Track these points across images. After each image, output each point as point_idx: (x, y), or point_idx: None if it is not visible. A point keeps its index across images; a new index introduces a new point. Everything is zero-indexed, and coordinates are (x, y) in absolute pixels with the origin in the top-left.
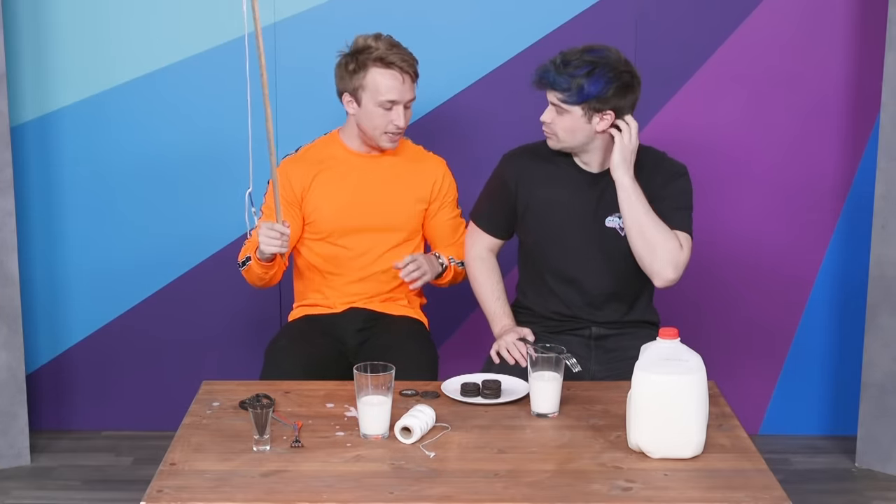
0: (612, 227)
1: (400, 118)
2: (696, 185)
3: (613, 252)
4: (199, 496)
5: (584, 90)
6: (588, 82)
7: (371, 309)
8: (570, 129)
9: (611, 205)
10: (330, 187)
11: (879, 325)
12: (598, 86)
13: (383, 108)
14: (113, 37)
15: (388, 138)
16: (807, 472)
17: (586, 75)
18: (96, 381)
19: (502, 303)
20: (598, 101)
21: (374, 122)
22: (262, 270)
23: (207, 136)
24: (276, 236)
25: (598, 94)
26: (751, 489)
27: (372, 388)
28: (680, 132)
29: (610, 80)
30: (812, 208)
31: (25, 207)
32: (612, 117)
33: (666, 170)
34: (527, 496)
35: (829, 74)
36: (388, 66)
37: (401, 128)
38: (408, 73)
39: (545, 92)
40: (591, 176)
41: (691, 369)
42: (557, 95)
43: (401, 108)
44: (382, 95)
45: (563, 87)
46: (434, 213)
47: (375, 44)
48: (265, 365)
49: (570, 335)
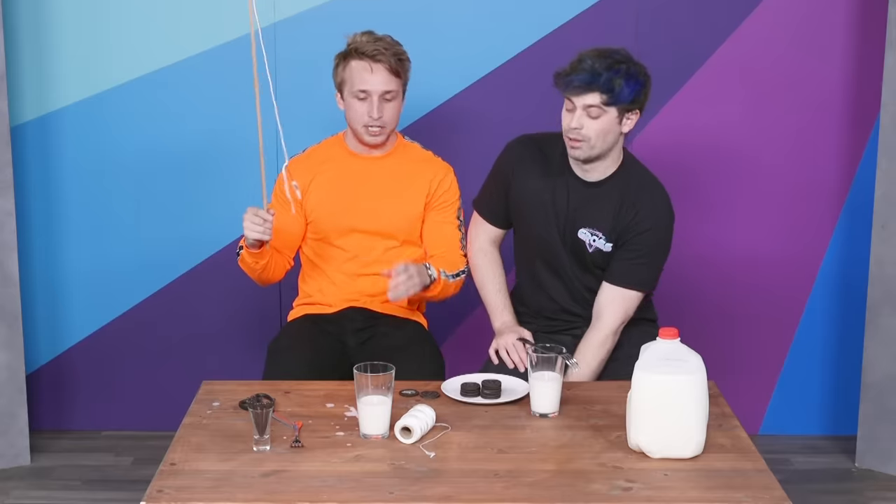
0: (582, 240)
1: (374, 109)
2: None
3: (582, 262)
4: (199, 496)
5: (624, 92)
6: (626, 83)
7: (371, 309)
8: (604, 132)
9: (588, 217)
10: (328, 188)
11: (879, 325)
12: (635, 86)
13: (358, 98)
14: (113, 37)
15: (367, 132)
16: (807, 472)
17: (624, 75)
18: (96, 381)
19: (503, 296)
20: (634, 101)
21: (352, 115)
22: (251, 259)
23: (207, 136)
24: (259, 222)
25: (636, 95)
26: (751, 489)
27: (372, 388)
28: (679, 132)
29: (642, 79)
30: (812, 208)
31: (25, 207)
32: (637, 116)
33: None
34: (527, 496)
35: (829, 74)
36: (360, 56)
37: (376, 119)
38: (381, 63)
39: (573, 97)
40: (582, 183)
41: (691, 369)
42: (599, 97)
43: (375, 99)
44: (356, 86)
45: (606, 88)
46: (429, 214)
47: (360, 38)
48: (267, 365)
49: (566, 335)
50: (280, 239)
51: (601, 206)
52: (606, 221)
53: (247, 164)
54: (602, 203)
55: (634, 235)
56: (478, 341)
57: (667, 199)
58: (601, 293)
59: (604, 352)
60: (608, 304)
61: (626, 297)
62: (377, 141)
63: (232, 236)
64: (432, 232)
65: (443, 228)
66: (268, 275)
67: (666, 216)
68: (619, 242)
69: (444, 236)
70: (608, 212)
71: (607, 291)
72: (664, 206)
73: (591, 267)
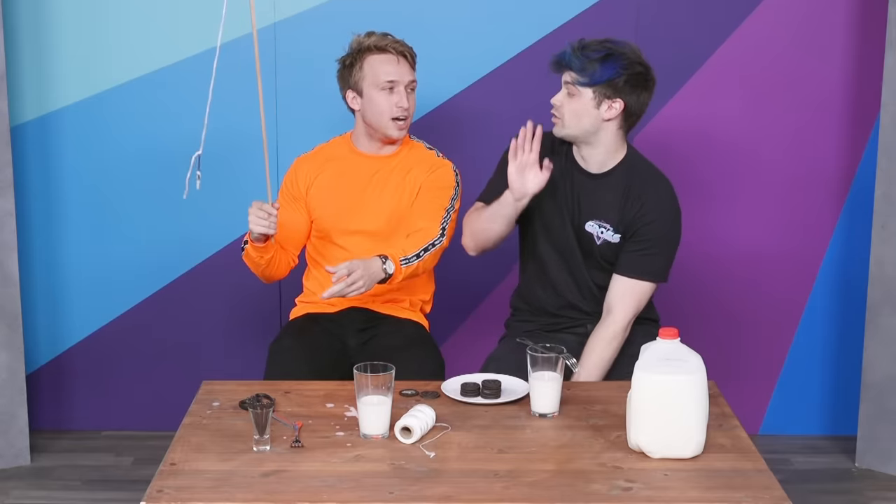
0: (590, 233)
1: (403, 99)
2: (696, 184)
3: (589, 256)
4: (199, 496)
5: (597, 73)
6: (602, 66)
7: (372, 309)
8: (577, 113)
9: (595, 210)
10: (331, 186)
11: (879, 325)
12: (611, 71)
13: (385, 91)
14: (113, 37)
15: (395, 125)
16: (807, 472)
17: (601, 59)
18: (96, 381)
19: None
20: (609, 86)
21: (380, 108)
22: (255, 254)
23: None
24: (264, 216)
25: (610, 78)
26: (751, 489)
27: (372, 388)
28: (679, 132)
29: (623, 68)
30: (812, 208)
31: (25, 207)
32: (620, 106)
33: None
34: (527, 496)
35: (829, 74)
36: (381, 50)
37: (406, 109)
38: (403, 56)
39: (559, 75)
40: (586, 174)
41: (691, 369)
42: (571, 75)
43: (402, 89)
44: (382, 77)
45: (578, 68)
46: (419, 195)
47: (368, 38)
48: (268, 364)
49: (567, 333)
50: (284, 235)
51: (606, 197)
52: (613, 213)
53: (247, 163)
54: (607, 195)
55: (641, 226)
56: (478, 341)
57: (671, 192)
58: (612, 287)
59: (613, 347)
60: (620, 297)
61: (637, 289)
62: (402, 134)
63: (232, 236)
64: (417, 208)
65: (429, 205)
66: (272, 270)
67: (671, 208)
68: (627, 234)
69: (430, 212)
70: (614, 203)
71: (618, 284)
72: (669, 198)
73: (600, 260)
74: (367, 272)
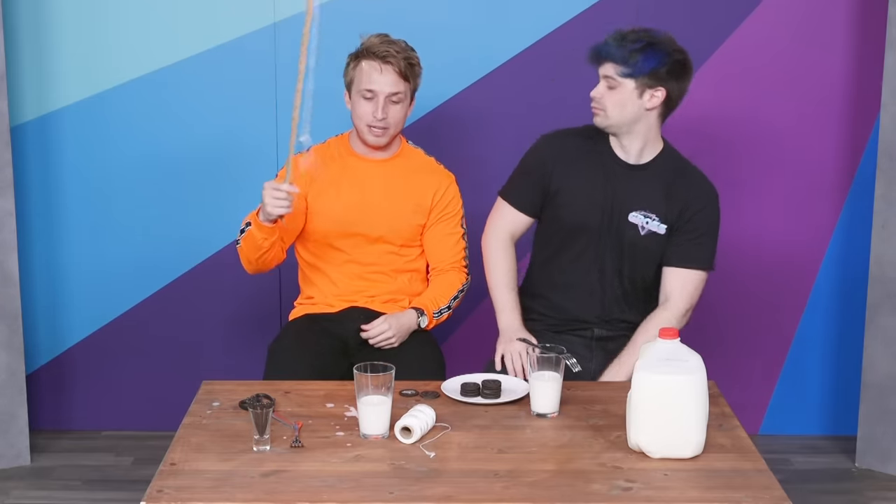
0: (634, 223)
1: (379, 110)
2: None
3: (630, 248)
4: (199, 496)
5: (640, 64)
6: (643, 56)
7: (372, 309)
8: (620, 104)
9: (639, 200)
10: (329, 188)
11: (879, 325)
12: (654, 61)
13: (364, 98)
14: (113, 37)
15: (370, 131)
16: (807, 472)
17: (642, 49)
18: (96, 381)
19: (514, 294)
20: (652, 76)
21: (357, 113)
22: (261, 235)
23: (208, 135)
24: (283, 196)
25: (654, 68)
26: (751, 489)
27: (372, 388)
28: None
29: (665, 56)
30: (812, 208)
31: (25, 207)
32: (663, 95)
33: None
34: (527, 496)
35: (829, 74)
36: (371, 57)
37: (379, 119)
38: (391, 65)
39: (597, 68)
40: (626, 166)
41: (691, 369)
42: (613, 67)
43: (381, 99)
44: (363, 85)
45: (619, 59)
46: (432, 225)
47: (373, 40)
48: (268, 365)
49: (572, 335)
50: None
51: (649, 188)
52: (659, 203)
53: (247, 163)
54: (649, 185)
55: (692, 215)
56: (478, 341)
57: (709, 181)
58: (666, 280)
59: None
60: (678, 287)
61: (692, 278)
62: (379, 142)
63: (232, 236)
64: (436, 243)
65: (447, 240)
66: (269, 257)
67: (714, 196)
68: (675, 225)
69: (448, 248)
70: (658, 193)
71: (673, 276)
72: (710, 186)
73: (642, 252)
74: (400, 330)
